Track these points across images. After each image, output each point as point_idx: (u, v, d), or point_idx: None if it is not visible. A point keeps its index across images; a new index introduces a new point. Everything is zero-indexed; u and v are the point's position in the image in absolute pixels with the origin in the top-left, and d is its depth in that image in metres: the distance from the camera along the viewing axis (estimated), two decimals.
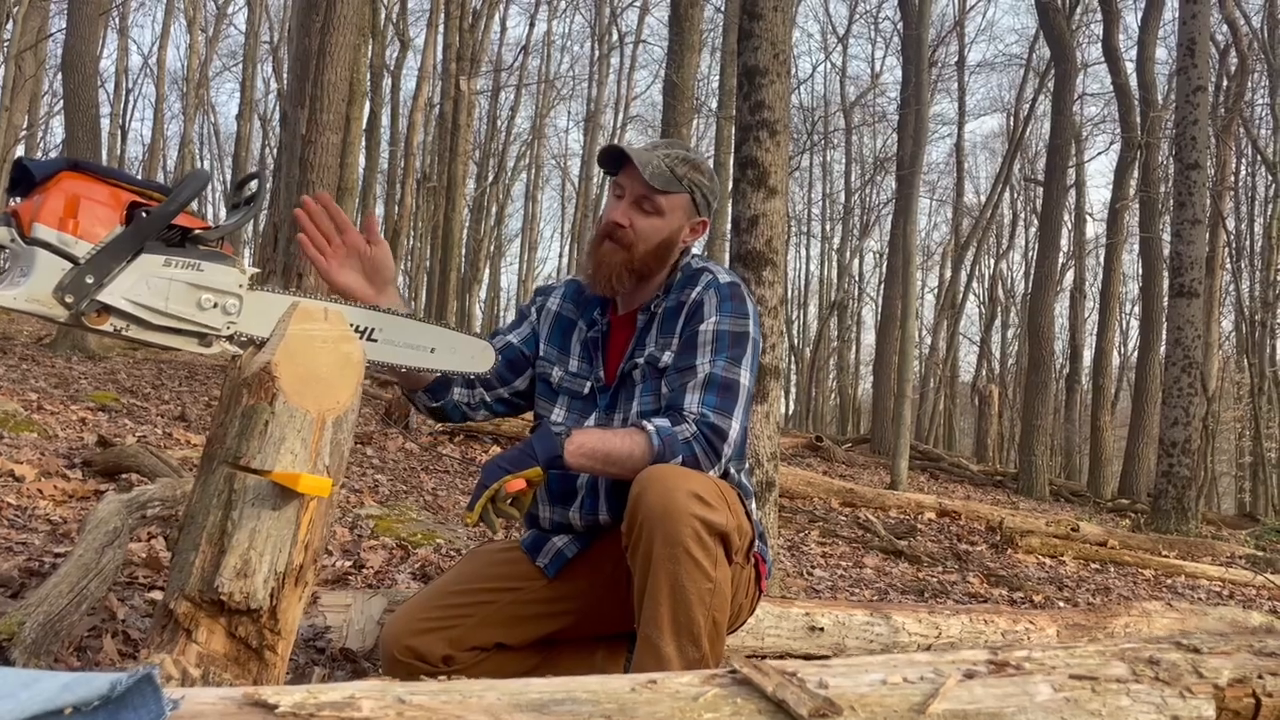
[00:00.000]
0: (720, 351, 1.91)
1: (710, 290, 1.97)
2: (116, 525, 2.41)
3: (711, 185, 2.03)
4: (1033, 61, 22.00)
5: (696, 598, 1.75)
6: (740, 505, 1.90)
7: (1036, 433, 13.66)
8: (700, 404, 1.87)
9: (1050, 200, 15.05)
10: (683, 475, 1.79)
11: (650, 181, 1.92)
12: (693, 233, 2.02)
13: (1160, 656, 0.79)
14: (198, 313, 1.60)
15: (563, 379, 2.07)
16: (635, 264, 1.97)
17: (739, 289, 1.99)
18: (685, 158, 1.98)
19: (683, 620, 1.76)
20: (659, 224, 1.96)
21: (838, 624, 3.10)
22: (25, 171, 1.55)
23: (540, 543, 2.09)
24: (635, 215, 1.96)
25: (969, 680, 0.77)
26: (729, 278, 2.00)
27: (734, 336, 1.93)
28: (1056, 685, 0.76)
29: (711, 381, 1.89)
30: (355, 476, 5.53)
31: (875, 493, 8.60)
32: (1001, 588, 5.36)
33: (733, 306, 1.95)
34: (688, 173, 1.97)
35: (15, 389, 6.47)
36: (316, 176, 8.50)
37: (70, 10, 11.00)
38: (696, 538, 1.74)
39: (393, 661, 1.99)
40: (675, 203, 1.97)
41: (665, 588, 1.75)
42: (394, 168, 22.80)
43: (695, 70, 11.47)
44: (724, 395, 1.88)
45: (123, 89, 26.38)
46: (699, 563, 1.75)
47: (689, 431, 1.84)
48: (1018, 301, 28.02)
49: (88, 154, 10.24)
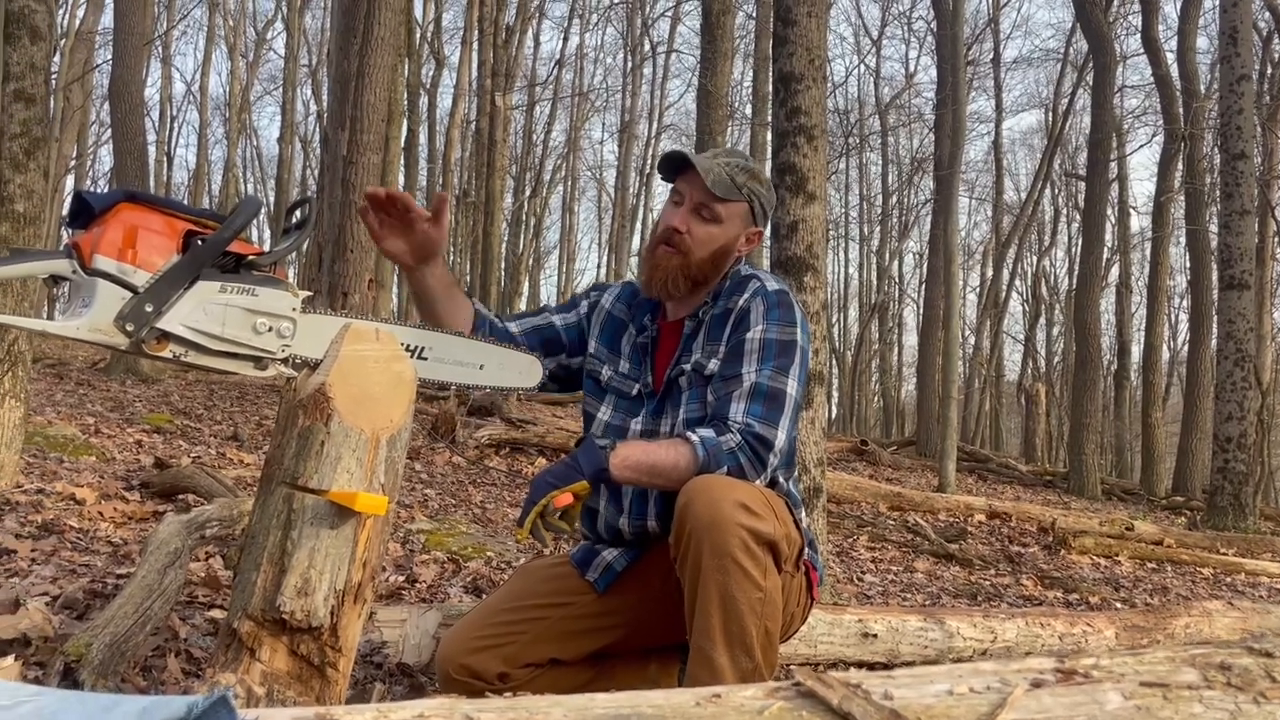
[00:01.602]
0: (767, 360, 1.90)
1: (758, 298, 1.96)
2: (177, 546, 2.45)
3: (769, 195, 2.03)
4: (1070, 55, 21.73)
5: (747, 607, 1.75)
6: (788, 514, 1.89)
7: (1086, 431, 13.44)
8: (746, 413, 1.86)
9: (1093, 195, 14.84)
10: (729, 485, 1.78)
11: (711, 189, 1.93)
12: (748, 242, 2.03)
13: (1232, 661, 0.78)
14: (253, 337, 1.63)
15: (611, 379, 2.09)
16: (691, 270, 1.98)
17: (787, 296, 1.98)
18: (745, 166, 1.99)
19: (734, 630, 1.75)
20: (716, 231, 1.97)
21: (891, 630, 3.07)
22: (84, 204, 1.59)
23: (589, 557, 2.09)
24: (694, 222, 1.96)
25: (1036, 689, 0.77)
26: (777, 285, 2.00)
27: (781, 345, 1.92)
28: (1127, 693, 0.75)
29: (757, 391, 1.88)
30: (405, 492, 5.58)
31: (923, 496, 8.51)
32: (1056, 590, 5.29)
33: (780, 314, 1.95)
34: (747, 181, 1.97)
35: (73, 413, 6.62)
36: (358, 196, 8.60)
37: (115, 42, 11.26)
38: (744, 547, 1.74)
39: (449, 680, 2.00)
40: (734, 211, 1.98)
41: (715, 598, 1.75)
42: (433, 185, 23.01)
43: (728, 78, 11.46)
44: (770, 405, 1.87)
45: (168, 116, 26.91)
46: (748, 572, 1.74)
47: (734, 441, 1.84)
48: (1062, 298, 27.62)
49: (135, 181, 10.47)
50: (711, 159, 1.97)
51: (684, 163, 1.97)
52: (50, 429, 5.49)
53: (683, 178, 1.99)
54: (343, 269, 8.59)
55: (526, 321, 2.17)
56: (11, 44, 4.21)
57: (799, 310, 1.99)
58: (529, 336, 2.13)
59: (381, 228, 1.94)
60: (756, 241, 2.05)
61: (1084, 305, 14.52)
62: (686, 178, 1.98)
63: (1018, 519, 8.22)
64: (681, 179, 1.99)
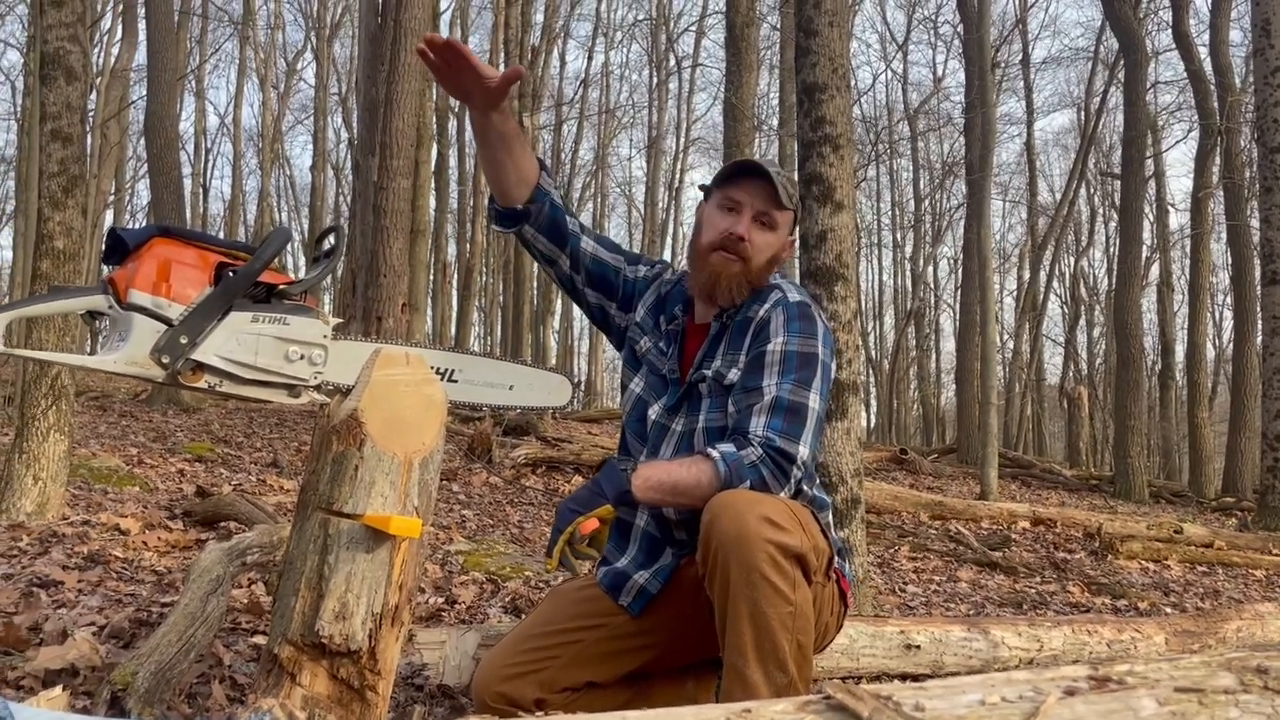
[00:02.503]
0: (787, 373, 1.91)
1: (778, 309, 1.97)
2: (219, 573, 2.48)
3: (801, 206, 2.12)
4: (1100, 53, 21.53)
5: (778, 622, 1.75)
6: (815, 523, 1.88)
7: (1131, 433, 13.24)
8: (766, 427, 1.86)
9: (1129, 193, 14.65)
10: (753, 500, 1.78)
11: (781, 193, 1.98)
12: (789, 249, 2.08)
13: (1269, 664, 0.77)
14: (286, 365, 1.66)
15: (648, 351, 2.11)
16: (751, 276, 2.00)
17: (808, 309, 1.99)
18: (791, 178, 2.05)
19: (767, 646, 1.75)
20: (773, 239, 2.01)
21: (934, 641, 3.04)
22: (119, 240, 1.63)
23: (620, 581, 2.07)
24: (754, 230, 1.99)
25: (1070, 697, 0.76)
26: (799, 296, 2.01)
27: (802, 358, 1.92)
28: (1161, 699, 0.74)
29: (778, 405, 1.88)
30: (442, 513, 5.62)
31: (965, 504, 8.42)
32: (1104, 596, 5.20)
33: (800, 326, 1.95)
34: (794, 193, 2.03)
35: (117, 445, 6.73)
36: (390, 220, 8.71)
37: (149, 78, 11.50)
38: (772, 562, 1.73)
39: (485, 708, 2.00)
40: (786, 219, 2.04)
41: (745, 615, 1.75)
42: (463, 207, 23.21)
43: (754, 90, 11.48)
44: (791, 419, 1.87)
45: (202, 149, 27.39)
46: (777, 587, 1.74)
47: (755, 455, 1.84)
48: (1102, 299, 27.27)
49: (172, 213, 10.66)
50: (779, 173, 2.02)
51: (754, 171, 2.01)
52: (95, 461, 5.59)
53: (740, 186, 2.00)
54: (376, 293, 8.68)
55: (600, 249, 2.15)
56: (48, 85, 4.32)
57: (821, 322, 1.99)
58: (594, 263, 2.14)
59: (439, 71, 1.85)
60: (792, 250, 2.10)
61: (1124, 305, 14.31)
62: (746, 187, 2.00)
63: (1063, 525, 8.10)
64: (738, 188, 2.01)
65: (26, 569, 3.28)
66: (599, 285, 2.16)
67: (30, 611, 2.67)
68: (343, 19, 25.59)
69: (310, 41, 26.85)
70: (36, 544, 3.68)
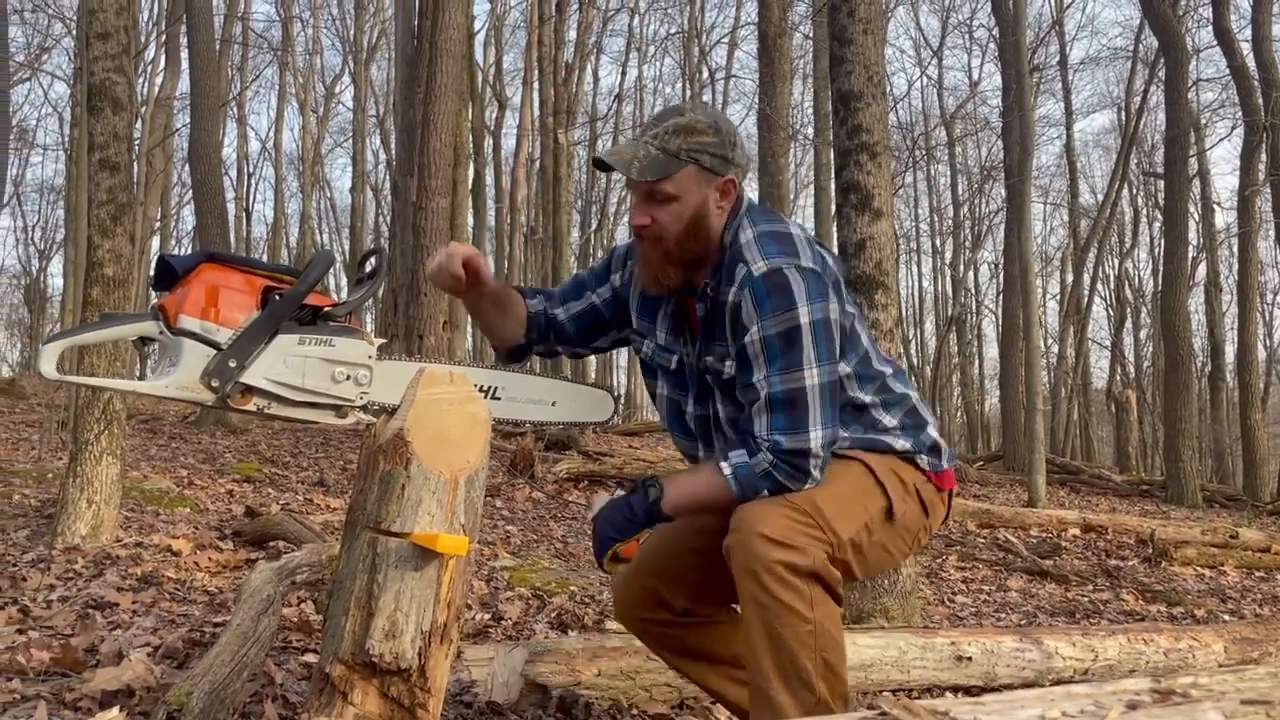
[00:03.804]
0: (773, 362, 1.79)
1: (745, 290, 1.81)
2: (269, 593, 2.51)
3: (719, 140, 1.83)
4: (1140, 52, 21.22)
5: (797, 642, 1.73)
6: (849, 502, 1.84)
7: (1182, 436, 12.98)
8: (769, 428, 1.80)
9: (1173, 192, 14.41)
10: (759, 517, 1.76)
11: (641, 177, 1.80)
12: (723, 195, 1.86)
13: None
14: (332, 386, 1.68)
15: (654, 353, 2.03)
16: (675, 254, 1.87)
17: (777, 275, 1.79)
18: (677, 127, 1.82)
19: (789, 668, 1.74)
20: (676, 208, 1.83)
21: (986, 652, 3.00)
22: (167, 267, 1.66)
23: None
24: (652, 210, 1.84)
25: (1132, 712, 0.74)
26: (764, 265, 1.80)
27: (783, 338, 1.78)
28: (1227, 712, 0.72)
29: (773, 402, 1.79)
30: (487, 529, 5.64)
31: (1013, 512, 8.29)
32: (1159, 603, 5.10)
33: (772, 304, 1.78)
34: (683, 143, 1.81)
35: (167, 467, 6.84)
36: (430, 240, 8.78)
37: (193, 106, 11.72)
38: (781, 582, 1.72)
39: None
40: (682, 180, 1.82)
41: (763, 637, 1.75)
42: (501, 224, 23.37)
43: (788, 99, 11.47)
44: (790, 411, 1.79)
45: (244, 174, 27.83)
46: (791, 607, 1.72)
47: (766, 462, 1.80)
48: (1148, 300, 26.81)
49: (217, 238, 10.83)
50: (634, 143, 1.85)
51: (602, 167, 1.89)
52: (146, 483, 5.68)
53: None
54: (417, 312, 8.76)
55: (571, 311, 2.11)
56: (95, 115, 4.42)
57: (797, 280, 1.79)
58: (581, 333, 2.11)
59: (461, 290, 1.97)
60: (732, 191, 1.87)
61: (1171, 306, 14.07)
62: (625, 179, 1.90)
63: (1114, 531, 7.96)
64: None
65: (82, 591, 3.33)
66: (596, 330, 2.12)
67: (86, 633, 2.72)
68: (379, 42, 25.92)
69: (348, 65, 27.22)
70: (91, 566, 3.75)
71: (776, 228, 1.87)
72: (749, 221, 1.88)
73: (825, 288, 1.81)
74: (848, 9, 4.13)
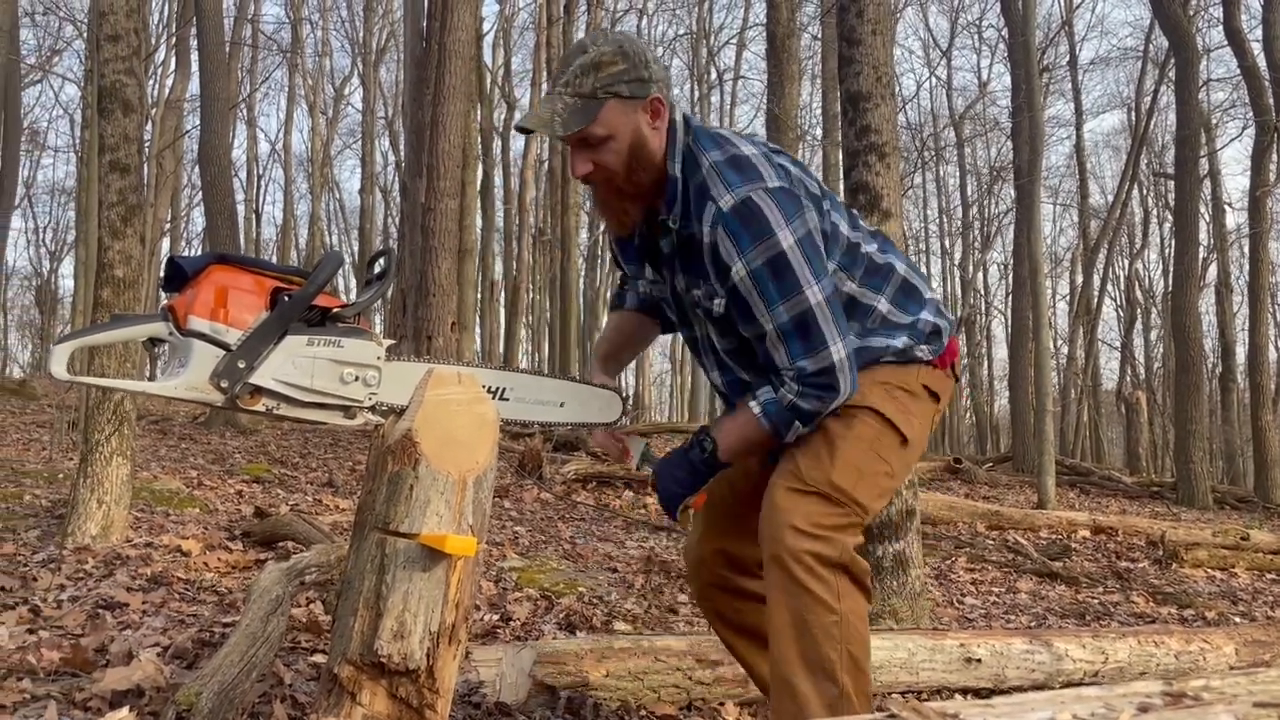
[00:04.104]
0: (769, 295, 1.74)
1: (719, 228, 1.75)
2: (278, 593, 2.52)
3: (629, 64, 1.76)
4: (1150, 52, 21.16)
5: (822, 633, 1.75)
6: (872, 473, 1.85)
7: (1192, 438, 12.93)
8: (789, 358, 1.77)
9: (1183, 193, 14.36)
10: (787, 509, 1.79)
11: (566, 130, 1.75)
12: (654, 115, 1.79)
13: None
14: (341, 387, 1.68)
15: (650, 289, 2.04)
16: (628, 189, 1.82)
17: (746, 206, 1.73)
18: (584, 67, 1.75)
19: (812, 657, 1.75)
20: (614, 146, 1.77)
21: (995, 654, 2.99)
22: (177, 268, 1.66)
23: None
24: (591, 156, 1.79)
25: (1143, 715, 0.74)
26: (731, 198, 1.74)
27: (770, 268, 1.73)
28: (1239, 715, 0.72)
29: (784, 333, 1.76)
30: (495, 529, 5.64)
31: (1023, 513, 8.27)
32: (1170, 605, 5.08)
33: (750, 236, 1.73)
34: (595, 81, 1.74)
35: (177, 468, 6.86)
36: (438, 241, 8.80)
37: (203, 108, 11.75)
38: (810, 572, 1.75)
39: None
40: (607, 117, 1.75)
41: (789, 625, 1.77)
42: (509, 225, 23.41)
43: (797, 100, 11.44)
44: (804, 336, 1.76)
45: (254, 175, 27.97)
46: (819, 597, 1.75)
47: (791, 393, 1.79)
48: (1158, 301, 26.72)
49: (226, 239, 10.87)
50: (549, 99, 1.78)
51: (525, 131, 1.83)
52: (156, 483, 5.70)
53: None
54: (426, 313, 8.77)
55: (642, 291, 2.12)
56: (106, 117, 4.43)
57: (768, 203, 1.73)
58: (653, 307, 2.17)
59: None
60: (661, 109, 1.79)
61: (1181, 307, 14.01)
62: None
63: (1124, 533, 7.92)
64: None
65: (93, 591, 3.35)
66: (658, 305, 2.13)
67: (97, 633, 2.72)
68: (388, 44, 25.99)
69: (357, 67, 27.31)
70: (102, 566, 3.76)
71: (731, 152, 1.79)
72: (700, 149, 1.81)
73: (798, 201, 1.76)
74: (856, 9, 4.12)
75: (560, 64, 1.81)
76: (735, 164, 1.78)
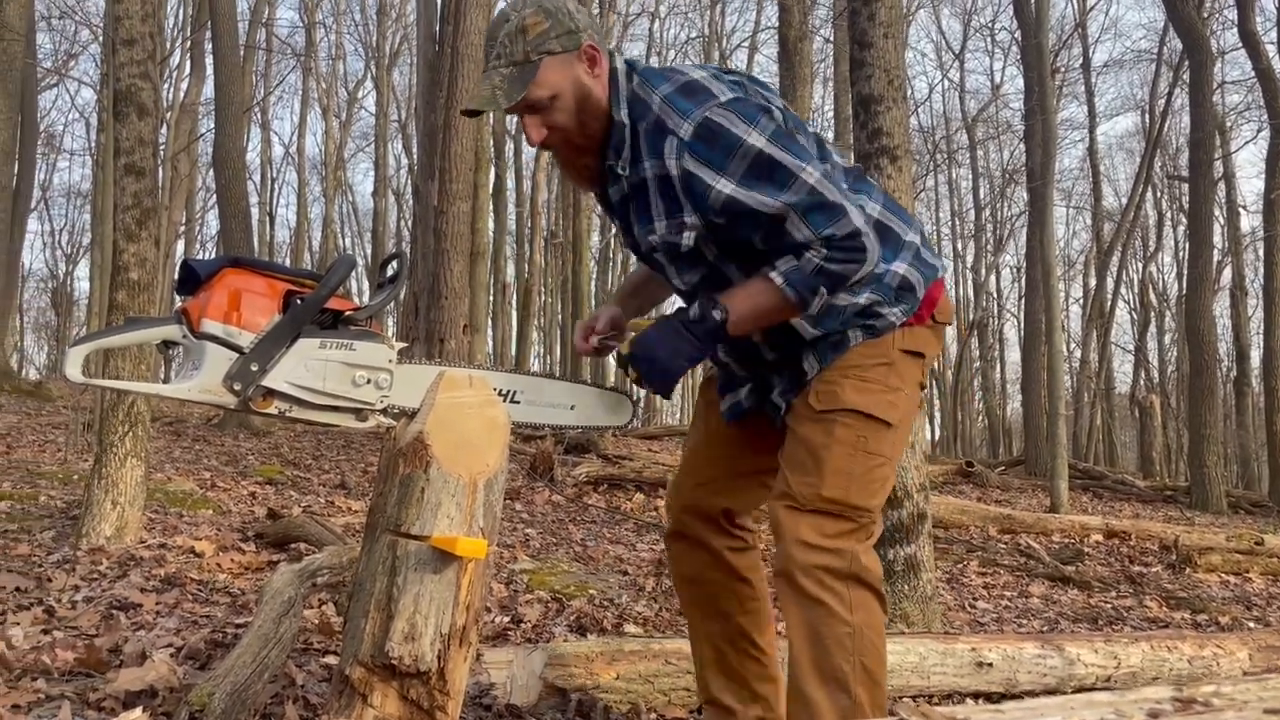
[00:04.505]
0: (768, 189, 1.71)
1: (685, 157, 1.73)
2: (291, 595, 2.53)
3: (554, 21, 1.76)
4: (1164, 55, 21.04)
5: (835, 643, 1.75)
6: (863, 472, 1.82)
7: (1206, 442, 12.86)
8: (814, 228, 1.71)
9: (1198, 196, 14.29)
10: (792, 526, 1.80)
11: (510, 100, 1.75)
12: (591, 62, 1.78)
13: None
14: (353, 390, 1.69)
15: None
16: (585, 143, 1.82)
17: (705, 125, 1.71)
18: (510, 34, 1.75)
19: (825, 667, 1.76)
20: (561, 103, 1.77)
21: (1007, 658, 2.98)
22: (191, 271, 1.68)
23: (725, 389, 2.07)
24: (542, 120, 1.79)
25: None
26: (689, 125, 1.72)
27: (757, 169, 1.70)
28: None
29: (801, 209, 1.70)
30: (506, 531, 5.65)
31: (1035, 517, 8.23)
32: (1183, 610, 5.05)
33: (720, 150, 1.71)
34: (524, 45, 1.75)
35: (190, 469, 6.90)
36: (450, 244, 8.83)
37: (217, 111, 11.82)
38: (820, 584, 1.76)
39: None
40: (545, 77, 1.75)
41: (803, 636, 1.78)
42: (521, 228, 23.46)
43: (809, 103, 11.43)
44: (822, 208, 1.70)
45: (268, 178, 28.06)
46: (831, 609, 1.76)
47: (818, 258, 1.72)
48: (1172, 304, 26.58)
49: (240, 242, 10.92)
50: (486, 77, 1.78)
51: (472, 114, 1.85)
52: (170, 485, 5.73)
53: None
54: (438, 315, 8.80)
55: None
56: (121, 121, 4.46)
57: (726, 115, 1.71)
58: None
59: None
60: (596, 57, 1.79)
61: (1195, 311, 13.94)
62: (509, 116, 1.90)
63: (1137, 537, 7.89)
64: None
65: (107, 592, 3.37)
66: None
67: (110, 634, 2.74)
68: (401, 47, 26.08)
69: (370, 70, 27.41)
70: (116, 567, 3.78)
71: (680, 80, 1.78)
72: (650, 87, 1.79)
73: (755, 106, 1.74)
74: (868, 13, 4.12)
75: (488, 40, 1.81)
76: (685, 90, 1.76)
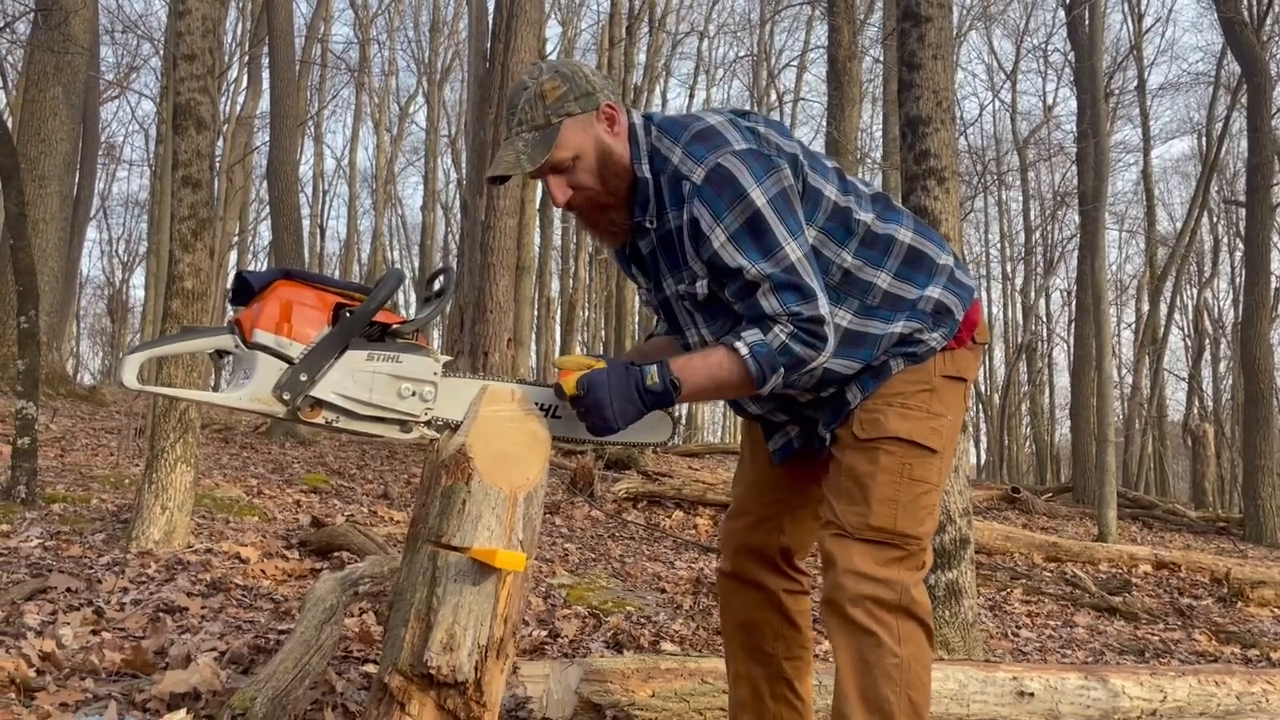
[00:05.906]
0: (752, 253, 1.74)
1: (695, 203, 1.76)
2: (332, 603, 2.56)
3: (570, 85, 1.79)
4: (1222, 78, 20.70)
5: (882, 674, 1.76)
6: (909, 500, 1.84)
7: (1261, 473, 12.55)
8: (782, 304, 1.74)
9: (1254, 222, 14.01)
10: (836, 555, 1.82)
11: (534, 164, 1.78)
12: (610, 121, 1.82)
13: None
14: (398, 401, 1.72)
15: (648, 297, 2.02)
16: (610, 200, 1.85)
17: (716, 173, 1.74)
18: (530, 100, 1.79)
19: (871, 696, 1.76)
20: (583, 164, 1.81)
21: (1049, 688, 2.93)
22: (244, 282, 1.71)
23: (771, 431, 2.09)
24: (564, 181, 1.82)
25: None
26: (702, 170, 1.75)
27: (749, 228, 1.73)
28: None
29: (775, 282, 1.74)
30: (546, 546, 5.67)
31: (1082, 545, 8.09)
32: (1233, 645, 4.93)
33: (724, 200, 1.74)
34: (544, 109, 1.78)
35: (238, 476, 7.01)
36: (497, 259, 8.91)
37: (272, 124, 12.05)
38: (870, 615, 1.77)
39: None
40: (567, 138, 1.78)
41: (850, 665, 1.78)
42: (566, 244, 23.58)
43: (856, 123, 11.41)
44: (794, 287, 1.74)
45: (320, 191, 28.52)
46: (879, 639, 1.77)
47: (784, 334, 1.74)
48: (1228, 332, 26.03)
49: (291, 253, 11.10)
50: (509, 143, 1.81)
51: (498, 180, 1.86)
52: (217, 491, 5.83)
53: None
54: (483, 329, 8.87)
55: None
56: (180, 134, 4.57)
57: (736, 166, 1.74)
58: None
59: None
60: (614, 112, 1.82)
61: (1251, 339, 13.64)
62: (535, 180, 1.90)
63: (1187, 569, 7.71)
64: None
65: (154, 595, 3.43)
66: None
67: (157, 636, 2.80)
68: (453, 64, 26.42)
69: (422, 86, 27.79)
70: (163, 571, 3.86)
71: (696, 128, 1.81)
72: (669, 140, 1.82)
73: (768, 160, 1.77)
74: (918, 34, 4.11)
75: (508, 109, 1.84)
76: (700, 137, 1.79)
